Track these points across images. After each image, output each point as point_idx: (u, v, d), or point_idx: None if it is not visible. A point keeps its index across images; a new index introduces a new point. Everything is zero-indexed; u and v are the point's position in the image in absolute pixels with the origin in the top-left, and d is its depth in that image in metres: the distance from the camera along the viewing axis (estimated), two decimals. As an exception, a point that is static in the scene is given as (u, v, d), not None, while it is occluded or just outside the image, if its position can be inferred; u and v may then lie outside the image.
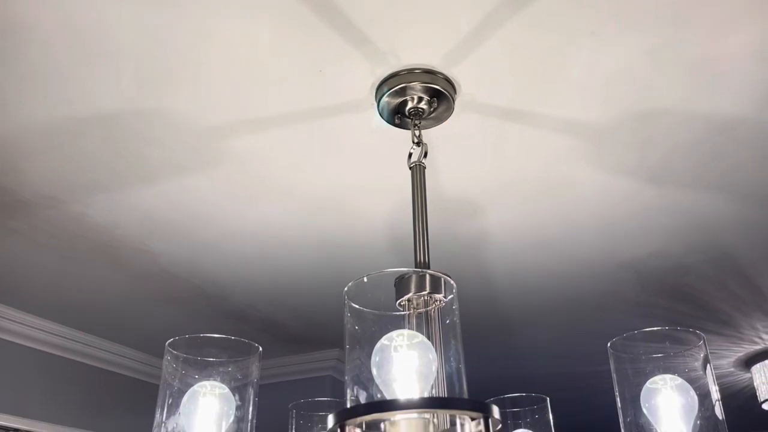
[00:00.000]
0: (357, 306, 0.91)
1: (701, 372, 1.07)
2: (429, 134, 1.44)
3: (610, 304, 2.44)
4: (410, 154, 1.25)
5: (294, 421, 1.38)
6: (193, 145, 1.51)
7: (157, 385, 1.07)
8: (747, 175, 1.65)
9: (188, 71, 1.29)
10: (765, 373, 3.05)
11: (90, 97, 1.35)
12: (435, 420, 0.79)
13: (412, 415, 0.78)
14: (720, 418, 1.03)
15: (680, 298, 2.40)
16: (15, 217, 1.79)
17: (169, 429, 1.02)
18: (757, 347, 2.97)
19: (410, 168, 1.24)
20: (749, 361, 3.11)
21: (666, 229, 1.92)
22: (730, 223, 1.88)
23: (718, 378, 2.90)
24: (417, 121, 1.33)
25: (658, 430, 1.03)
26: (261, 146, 1.52)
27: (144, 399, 2.84)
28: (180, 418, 1.01)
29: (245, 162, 1.58)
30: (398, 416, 0.78)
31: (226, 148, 1.52)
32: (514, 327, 2.72)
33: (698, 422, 1.03)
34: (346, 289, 0.91)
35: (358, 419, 0.79)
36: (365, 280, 0.90)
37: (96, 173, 1.60)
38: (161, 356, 1.09)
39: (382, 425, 0.80)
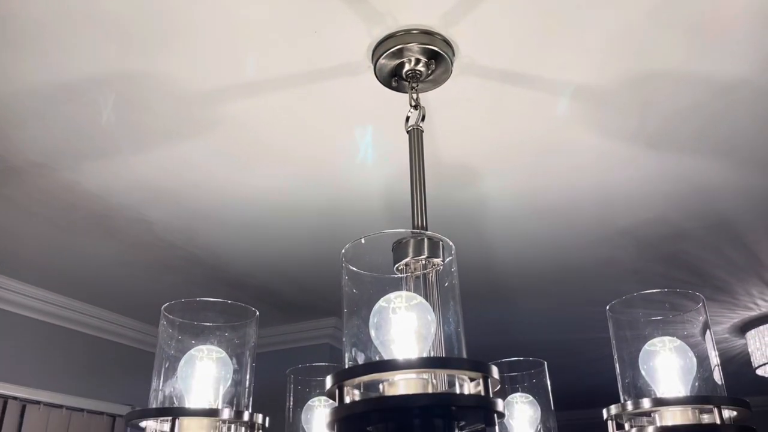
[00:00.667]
0: (354, 268, 0.89)
1: (700, 337, 1.07)
2: (426, 97, 1.42)
3: (608, 270, 2.44)
4: (408, 118, 1.23)
5: (292, 387, 1.38)
6: (187, 111, 1.48)
7: (154, 353, 1.06)
8: (747, 140, 1.63)
9: (181, 34, 1.26)
10: (760, 339, 3.07)
11: (79, 62, 1.32)
12: (433, 380, 0.79)
13: (411, 375, 0.77)
14: (719, 383, 1.03)
15: (677, 264, 2.40)
16: (7, 185, 1.77)
17: (166, 394, 1.02)
18: (753, 313, 2.98)
19: (408, 132, 1.22)
20: (744, 327, 3.13)
21: (664, 195, 1.91)
22: (728, 189, 1.87)
23: (714, 344, 2.91)
24: (414, 84, 1.30)
25: (656, 391, 1.02)
26: (257, 111, 1.50)
27: (141, 366, 2.85)
28: (177, 383, 1.01)
29: (241, 127, 1.55)
30: (397, 376, 0.77)
31: (222, 113, 1.50)
32: (511, 293, 2.72)
33: (696, 384, 1.03)
34: (343, 251, 0.90)
35: (357, 380, 0.78)
36: (363, 241, 0.89)
37: (87, 141, 1.58)
38: (157, 324, 1.09)
39: (380, 386, 0.79)
